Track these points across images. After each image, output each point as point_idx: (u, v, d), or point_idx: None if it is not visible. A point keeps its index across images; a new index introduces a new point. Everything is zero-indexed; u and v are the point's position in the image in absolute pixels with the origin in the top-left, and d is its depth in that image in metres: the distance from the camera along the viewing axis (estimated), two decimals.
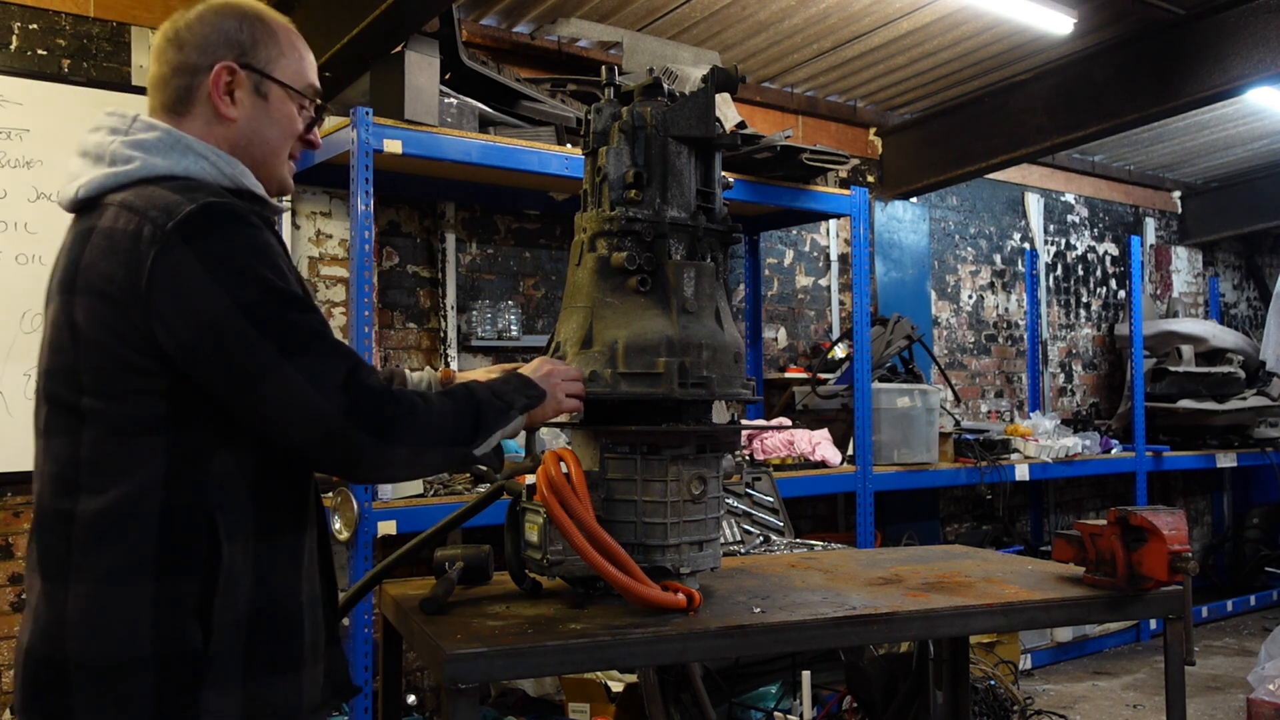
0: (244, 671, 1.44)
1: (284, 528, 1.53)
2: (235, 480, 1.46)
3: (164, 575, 1.40)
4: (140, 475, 1.41)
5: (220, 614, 1.42)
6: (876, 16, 5.10)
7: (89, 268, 1.43)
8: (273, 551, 1.50)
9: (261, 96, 1.58)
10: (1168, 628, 2.10)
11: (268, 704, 1.46)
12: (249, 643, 1.44)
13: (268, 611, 1.47)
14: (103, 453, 1.43)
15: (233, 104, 1.56)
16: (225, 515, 1.44)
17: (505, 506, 2.00)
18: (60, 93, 3.88)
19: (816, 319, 6.29)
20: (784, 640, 1.88)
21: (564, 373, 1.85)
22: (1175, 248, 8.61)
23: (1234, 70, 5.00)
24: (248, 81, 1.56)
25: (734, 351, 2.01)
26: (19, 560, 3.78)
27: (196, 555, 1.41)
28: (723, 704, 3.13)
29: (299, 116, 1.63)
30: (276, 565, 1.50)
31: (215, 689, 1.41)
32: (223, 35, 1.55)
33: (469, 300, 4.79)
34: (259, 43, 1.57)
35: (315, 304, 1.50)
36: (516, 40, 5.01)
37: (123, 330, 1.41)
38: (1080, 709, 5.21)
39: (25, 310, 3.79)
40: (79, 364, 1.44)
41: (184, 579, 1.41)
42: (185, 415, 1.43)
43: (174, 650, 1.39)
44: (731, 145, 2.08)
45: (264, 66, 1.57)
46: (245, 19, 1.58)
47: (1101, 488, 7.81)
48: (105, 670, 1.38)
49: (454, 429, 1.58)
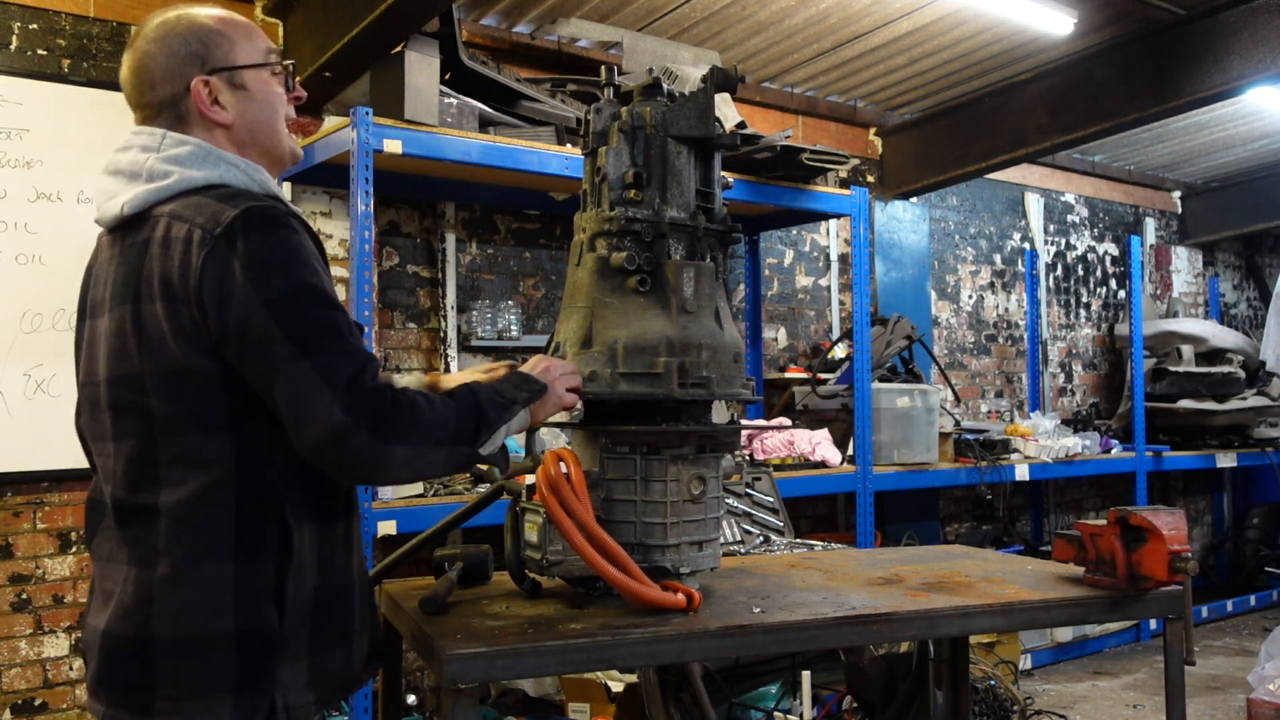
0: (310, 645, 1.57)
1: (336, 514, 1.65)
2: (297, 472, 1.57)
3: (242, 559, 1.52)
4: (214, 469, 1.52)
5: (292, 594, 1.54)
6: (876, 16, 5.10)
7: (151, 276, 1.53)
8: (330, 535, 1.62)
9: (240, 87, 1.67)
10: (1168, 628, 2.10)
11: (327, 672, 1.60)
12: (314, 619, 1.58)
13: (329, 590, 1.60)
14: (176, 449, 1.53)
15: (222, 109, 1.66)
16: (292, 504, 1.56)
17: (505, 506, 2.00)
18: (60, 93, 3.88)
19: (816, 319, 6.30)
20: (784, 640, 1.88)
21: (561, 367, 1.86)
22: (1175, 248, 8.61)
23: (1234, 70, 5.00)
24: (222, 83, 1.65)
25: (734, 351, 2.01)
26: (19, 560, 3.78)
27: (270, 540, 1.54)
28: (723, 704, 3.13)
29: (275, 82, 1.71)
30: (334, 548, 1.63)
31: (286, 662, 1.54)
32: (179, 57, 1.64)
33: (469, 300, 4.79)
34: (209, 45, 1.65)
35: (339, 302, 1.56)
36: (516, 40, 5.01)
37: (184, 329, 1.51)
38: (1080, 709, 5.21)
39: (25, 310, 3.79)
40: (144, 368, 1.54)
41: (260, 562, 1.53)
42: (244, 411, 1.53)
43: (253, 627, 1.51)
44: (731, 145, 2.08)
45: (226, 63, 1.66)
46: (188, 33, 1.66)
47: (1101, 488, 7.81)
48: (189, 644, 1.49)
49: (457, 428, 1.60)
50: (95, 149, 3.94)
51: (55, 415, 3.82)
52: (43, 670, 3.81)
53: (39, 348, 3.80)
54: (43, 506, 3.83)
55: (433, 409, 1.57)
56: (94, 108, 3.94)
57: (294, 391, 1.47)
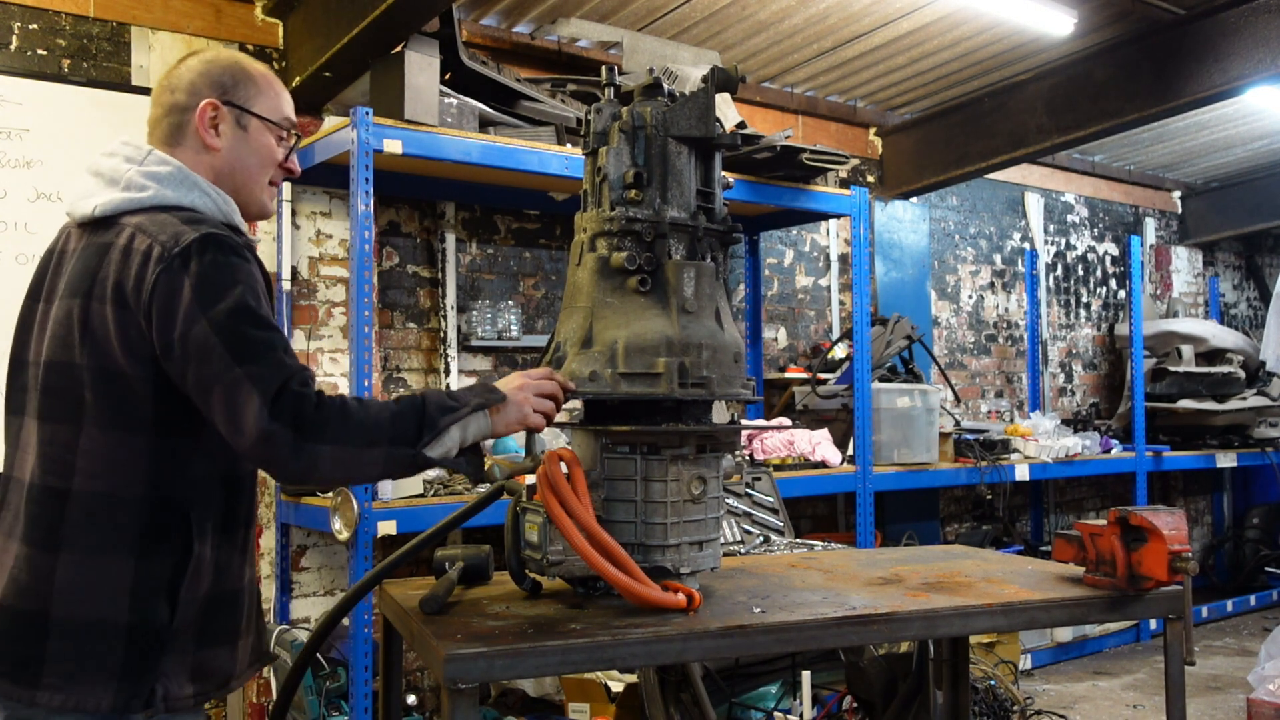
0: (195, 643, 1.67)
1: (238, 523, 1.76)
2: (208, 483, 1.69)
3: (143, 557, 1.62)
4: (131, 468, 1.62)
5: (185, 595, 1.64)
6: (876, 16, 5.10)
7: (107, 278, 1.63)
8: (230, 544, 1.74)
9: (242, 128, 1.80)
10: (1168, 628, 2.10)
11: (210, 668, 1.70)
12: (202, 619, 1.68)
13: (221, 595, 1.71)
14: (99, 442, 1.62)
15: (217, 135, 1.78)
16: (197, 511, 1.67)
17: (505, 506, 2.00)
18: (60, 93, 3.88)
19: (816, 319, 6.30)
20: (784, 640, 1.88)
21: (537, 386, 1.85)
22: (1175, 248, 8.61)
23: (1234, 70, 5.00)
24: (229, 115, 1.79)
25: (734, 351, 2.01)
26: None
27: (171, 542, 1.64)
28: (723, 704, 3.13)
29: (277, 146, 1.85)
30: (232, 555, 1.74)
31: (172, 655, 1.64)
32: (207, 79, 1.79)
33: (469, 300, 4.79)
34: (239, 83, 1.80)
35: (275, 325, 1.65)
36: (516, 40, 5.01)
37: (128, 335, 1.61)
38: (1080, 709, 5.21)
39: None
40: (83, 362, 1.64)
41: (159, 563, 1.63)
42: (168, 421, 1.64)
43: (145, 620, 1.61)
44: (731, 145, 2.08)
45: (243, 102, 1.80)
46: (227, 66, 1.82)
47: (1101, 488, 7.81)
48: (84, 628, 1.59)
49: (392, 429, 1.65)
50: (95, 149, 3.93)
51: None
52: None
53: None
54: None
55: (364, 411, 1.64)
56: (94, 108, 3.94)
57: (228, 399, 1.56)
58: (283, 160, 1.86)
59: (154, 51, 4.10)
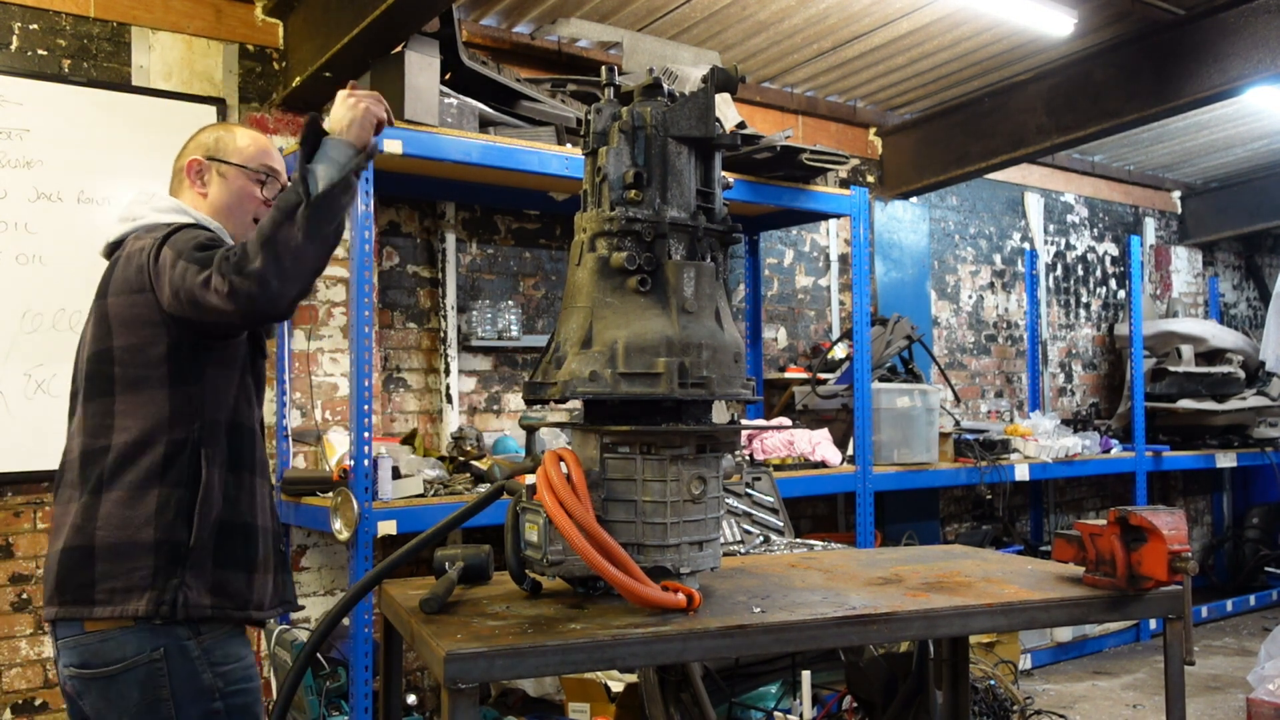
0: (213, 560, 2.02)
1: (244, 468, 2.11)
2: (215, 427, 2.07)
3: (165, 486, 2.00)
4: (153, 418, 2.02)
5: (200, 518, 2.00)
6: (876, 16, 5.11)
7: (117, 278, 2.08)
8: (238, 482, 2.09)
9: (222, 176, 2.24)
10: (1167, 628, 2.10)
11: (227, 588, 2.04)
12: (216, 542, 2.03)
13: (232, 523, 2.06)
14: (128, 403, 2.03)
15: (203, 185, 2.24)
16: (207, 449, 2.04)
17: (505, 506, 2.00)
18: (60, 93, 3.88)
19: (816, 319, 6.30)
20: (784, 640, 1.88)
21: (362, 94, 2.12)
22: (1175, 248, 8.61)
23: (1234, 70, 5.00)
24: (211, 168, 2.24)
25: (734, 351, 2.01)
26: (19, 560, 3.78)
27: (188, 475, 2.02)
28: (723, 704, 3.13)
29: (256, 187, 2.26)
30: (239, 491, 2.09)
31: (192, 570, 1.99)
32: (200, 143, 2.28)
33: (469, 300, 4.79)
34: (221, 141, 2.27)
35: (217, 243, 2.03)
36: (516, 40, 5.01)
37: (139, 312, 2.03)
38: (1080, 709, 5.21)
39: (25, 310, 3.79)
40: (112, 344, 2.05)
41: (178, 490, 2.00)
42: (179, 378, 2.04)
43: (168, 539, 1.98)
44: (731, 145, 2.08)
45: (222, 156, 2.25)
46: (215, 133, 2.30)
47: (1101, 488, 7.82)
48: (121, 550, 1.96)
49: (283, 210, 1.91)
50: (95, 149, 3.95)
51: (56, 415, 3.81)
52: (43, 670, 3.81)
53: (39, 348, 3.80)
54: (43, 506, 3.83)
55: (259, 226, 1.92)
56: (94, 108, 3.94)
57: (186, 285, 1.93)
58: (269, 198, 2.26)
59: (154, 52, 4.10)
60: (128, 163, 3.98)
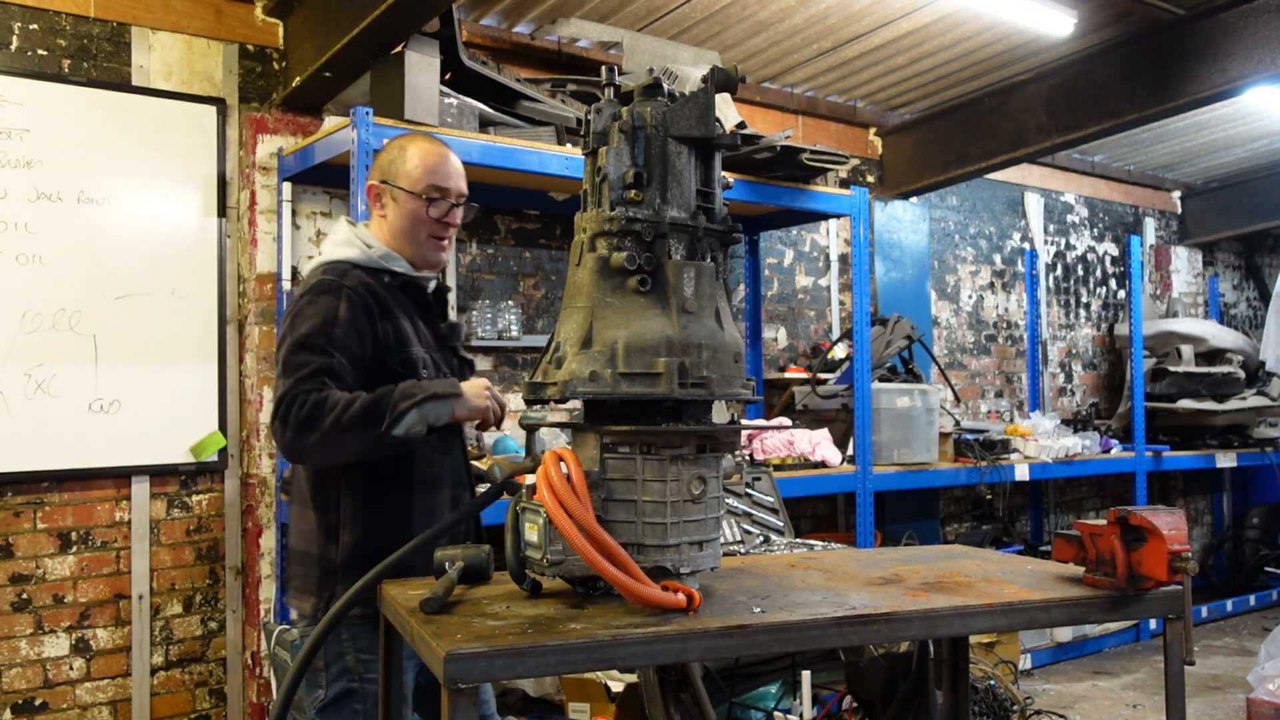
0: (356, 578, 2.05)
1: (388, 489, 2.30)
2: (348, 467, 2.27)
3: (320, 510, 2.31)
4: None
5: (343, 539, 2.28)
6: (876, 16, 5.11)
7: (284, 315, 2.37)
8: (379, 506, 2.29)
9: (394, 200, 2.38)
10: (1167, 628, 2.10)
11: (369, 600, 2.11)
12: (359, 562, 2.21)
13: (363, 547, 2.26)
14: None
15: (381, 207, 2.41)
16: (346, 481, 2.28)
17: (505, 506, 2.00)
18: (60, 93, 3.88)
19: (816, 319, 6.30)
20: (784, 640, 1.88)
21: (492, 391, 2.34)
22: (1175, 248, 8.61)
23: (1234, 70, 5.00)
24: (386, 191, 2.39)
25: (734, 351, 2.01)
26: (19, 560, 3.78)
27: (331, 501, 2.30)
28: (723, 704, 3.13)
29: (425, 208, 2.38)
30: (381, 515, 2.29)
31: (341, 583, 2.25)
32: (379, 166, 2.43)
33: (469, 300, 4.79)
34: (394, 163, 2.40)
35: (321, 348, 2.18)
36: (516, 40, 5.01)
37: None
38: (1080, 709, 5.21)
39: (25, 310, 3.79)
40: None
41: (329, 514, 2.30)
42: None
43: (324, 555, 2.30)
44: (731, 145, 2.08)
45: (393, 180, 2.38)
46: (392, 152, 2.42)
47: (1101, 488, 7.82)
48: (300, 558, 2.35)
49: (363, 417, 2.12)
50: (95, 149, 3.95)
51: (55, 415, 3.82)
52: (43, 670, 3.81)
53: (39, 348, 3.80)
54: (43, 506, 3.83)
55: (337, 406, 2.12)
56: (94, 108, 3.94)
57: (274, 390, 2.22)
58: (438, 217, 2.38)
59: (154, 52, 4.10)
60: (128, 163, 3.98)
